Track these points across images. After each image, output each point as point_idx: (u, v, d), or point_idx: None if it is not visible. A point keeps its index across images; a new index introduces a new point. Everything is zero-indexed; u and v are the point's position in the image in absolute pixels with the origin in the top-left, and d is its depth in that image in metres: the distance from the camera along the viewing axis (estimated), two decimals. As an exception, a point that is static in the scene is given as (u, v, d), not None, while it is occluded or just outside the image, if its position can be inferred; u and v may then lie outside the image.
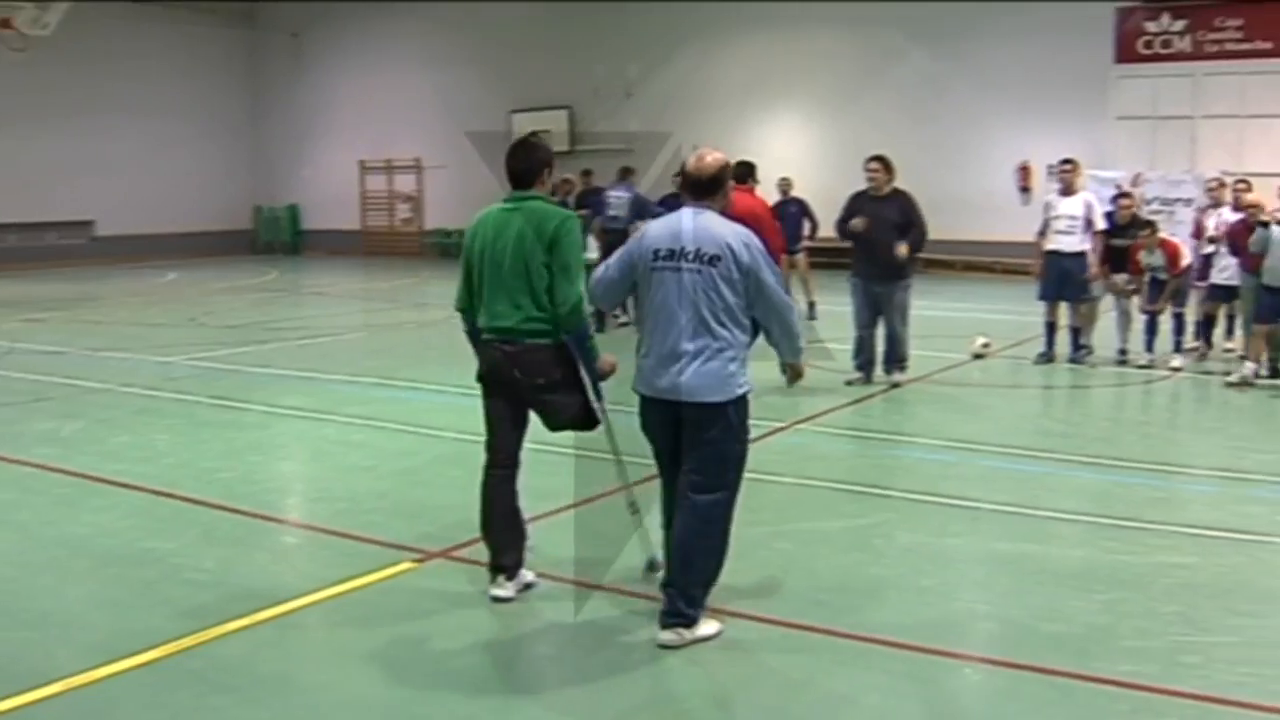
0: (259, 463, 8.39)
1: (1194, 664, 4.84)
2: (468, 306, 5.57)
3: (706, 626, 5.04)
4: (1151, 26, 24.28)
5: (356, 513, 6.99)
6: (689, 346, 4.91)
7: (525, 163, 5.46)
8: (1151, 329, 12.60)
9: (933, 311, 15.47)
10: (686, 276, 4.94)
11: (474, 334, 5.57)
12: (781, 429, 9.13)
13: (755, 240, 5.03)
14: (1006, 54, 25.20)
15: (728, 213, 5.13)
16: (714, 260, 4.91)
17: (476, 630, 5.23)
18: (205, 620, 5.23)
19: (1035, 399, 11.31)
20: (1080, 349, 12.88)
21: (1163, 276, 12.39)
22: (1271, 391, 11.26)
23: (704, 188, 5.07)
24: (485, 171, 31.52)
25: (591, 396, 5.43)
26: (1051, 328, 12.85)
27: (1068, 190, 12.73)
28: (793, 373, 5.53)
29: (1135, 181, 22.27)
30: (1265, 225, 11.16)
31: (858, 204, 11.09)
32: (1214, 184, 13.59)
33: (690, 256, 4.94)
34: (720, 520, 5.03)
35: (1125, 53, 24.47)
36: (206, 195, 32.66)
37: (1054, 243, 12.61)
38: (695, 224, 4.99)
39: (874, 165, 11.09)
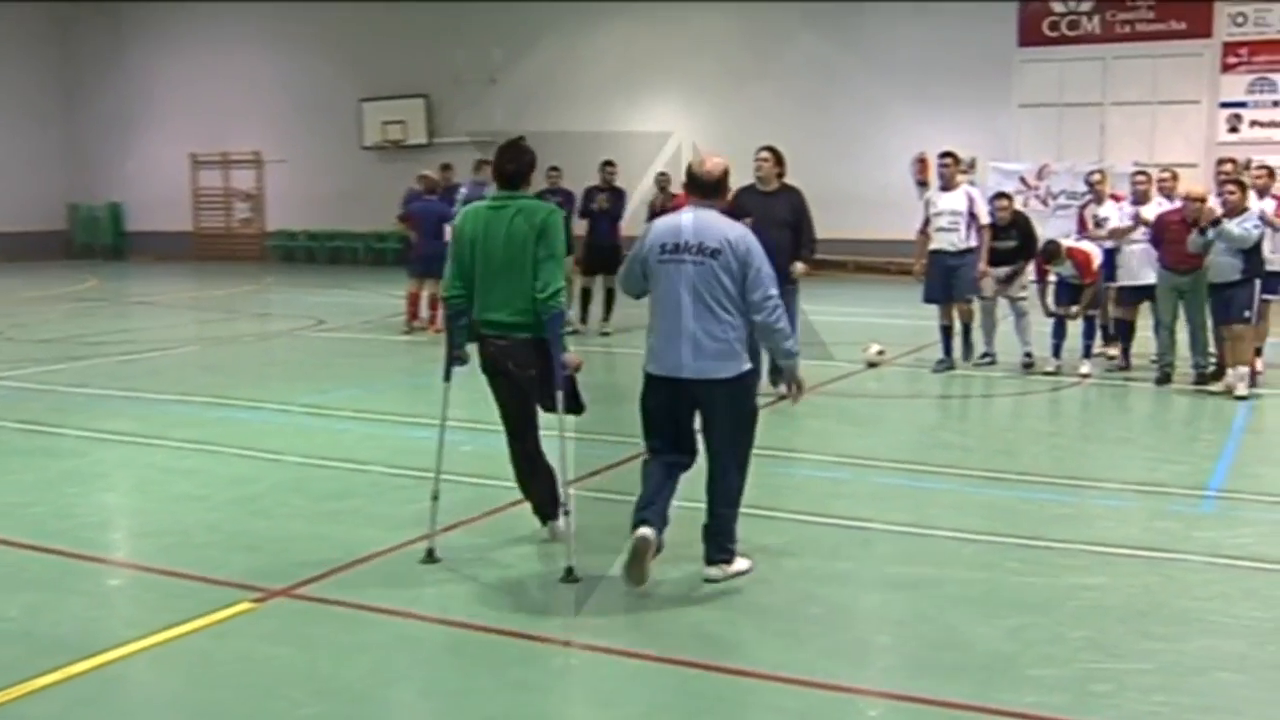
0: (75, 495, 8.17)
1: (1105, 693, 4.96)
2: (456, 294, 6.50)
3: (741, 563, 6.32)
4: (1058, 7, 24.94)
5: (187, 548, 6.85)
6: (695, 330, 5.98)
7: (516, 164, 6.44)
8: (1059, 333, 12.94)
9: (823, 317, 15.71)
10: (690, 268, 6.01)
11: (456, 318, 6.55)
12: (629, 460, 9.14)
13: (752, 237, 6.08)
14: (904, 37, 25.72)
15: (728, 211, 6.31)
16: (715, 253, 5.99)
17: (324, 677, 5.15)
18: (8, 677, 5.06)
19: (934, 410, 11.56)
20: (985, 356, 13.21)
21: (1075, 283, 12.75)
22: (1188, 397, 11.66)
23: (709, 189, 6.19)
24: (333, 166, 31.42)
25: (556, 383, 6.29)
26: (947, 332, 13.15)
27: (948, 185, 13.08)
28: (790, 379, 6.43)
29: (1041, 174, 22.87)
30: (1216, 224, 11.37)
31: (743, 199, 11.20)
32: (1096, 176, 14.04)
33: (693, 250, 6.01)
34: (743, 469, 6.26)
35: (1030, 35, 25.10)
36: (11, 192, 31.76)
37: (937, 241, 12.97)
38: (697, 221, 6.08)
39: (764, 155, 11.23)
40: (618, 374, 12.64)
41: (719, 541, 6.27)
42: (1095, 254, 12.85)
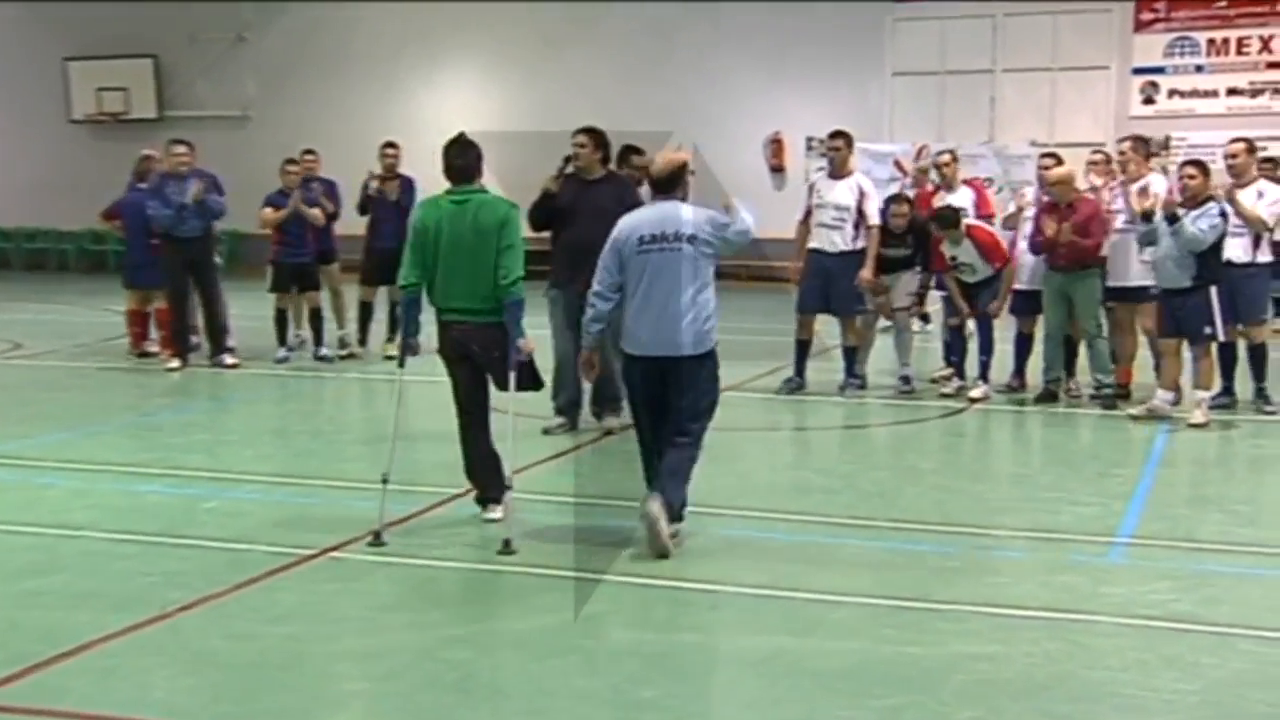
0: None
1: (997, 784, 5.06)
2: (413, 283, 8.42)
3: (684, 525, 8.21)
4: (938, -45, 25.44)
5: None
6: (676, 311, 8.01)
7: (464, 159, 8.45)
8: (957, 348, 13.34)
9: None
10: (670, 254, 8.05)
11: (410, 307, 8.52)
12: (456, 497, 9.15)
13: (716, 215, 8.19)
14: (754, -6, 25.87)
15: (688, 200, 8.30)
16: (691, 239, 8.06)
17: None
18: None
19: (794, 444, 11.72)
20: (853, 379, 13.40)
21: (972, 278, 13.07)
22: (1096, 424, 12.01)
23: (666, 184, 8.27)
24: (30, 146, 30.50)
25: (510, 365, 8.23)
26: (804, 347, 13.34)
27: (837, 172, 13.26)
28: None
29: (919, 156, 23.21)
30: (1173, 220, 11.60)
31: (564, 193, 11.24)
32: (945, 158, 14.39)
33: (671, 238, 8.06)
34: (699, 444, 8.24)
35: (906, -11, 25.55)
36: None
37: (817, 239, 13.10)
38: (668, 212, 8.17)
39: (580, 140, 11.27)
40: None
41: (680, 507, 8.10)
42: (1002, 236, 13.22)
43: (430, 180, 16.29)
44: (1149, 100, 24.77)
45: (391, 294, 15.65)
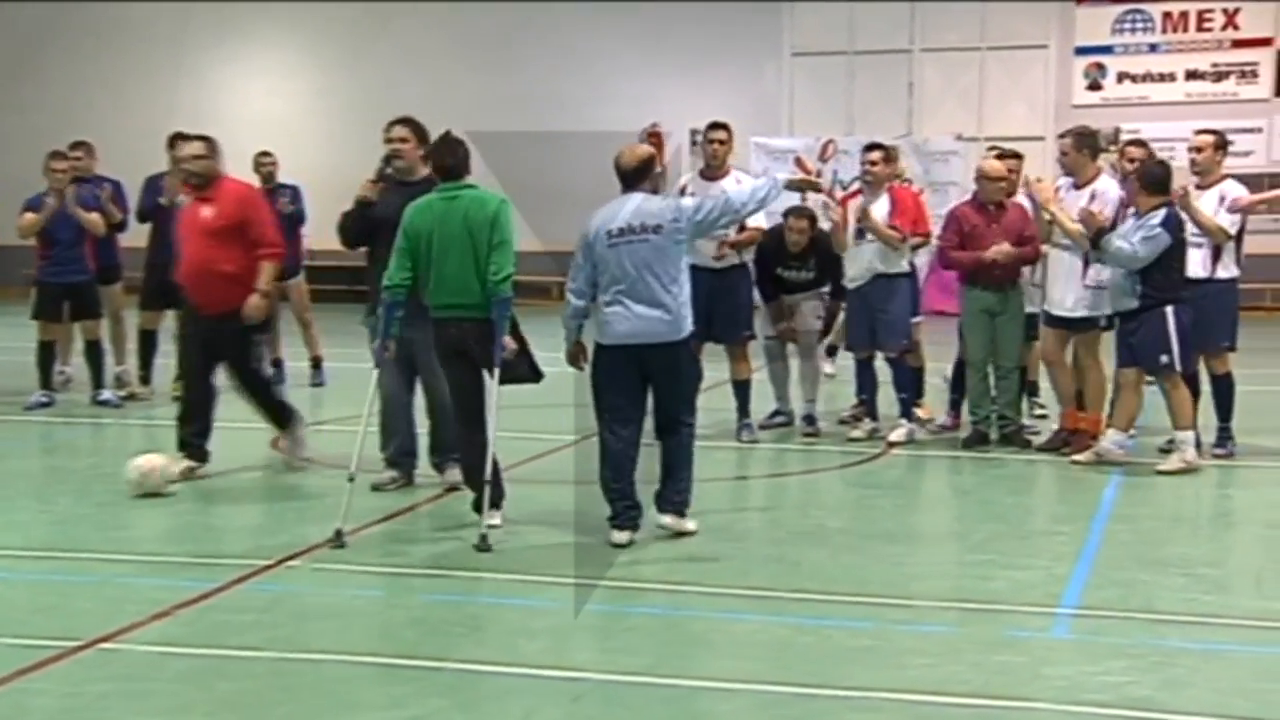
0: None
1: None
2: (400, 284, 9.96)
3: (691, 523, 10.16)
4: (844, -84, 25.66)
5: None
6: (652, 300, 9.70)
7: (453, 157, 10.05)
8: (866, 383, 13.50)
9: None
10: (639, 246, 9.71)
11: (393, 309, 10.01)
12: (266, 568, 9.07)
13: (681, 202, 10.35)
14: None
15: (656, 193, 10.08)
16: (657, 229, 9.72)
17: None
18: None
19: (677, 500, 11.70)
20: (745, 424, 13.46)
21: (890, 268, 13.18)
22: (1033, 471, 12.14)
23: (632, 176, 9.97)
24: None
25: (495, 360, 9.84)
26: (690, 383, 13.41)
27: (713, 173, 13.32)
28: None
29: (825, 153, 23.45)
30: (1100, 233, 11.81)
31: (380, 195, 11.18)
32: (874, 156, 14.44)
33: (638, 229, 9.72)
34: (692, 431, 10.20)
35: (806, -45, 25.77)
36: None
37: (693, 254, 13.09)
38: (633, 205, 9.82)
39: (400, 134, 11.24)
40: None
41: (680, 501, 10.08)
42: (928, 206, 13.36)
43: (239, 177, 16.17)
44: (1094, 86, 25.20)
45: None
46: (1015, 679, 7.28)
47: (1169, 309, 11.88)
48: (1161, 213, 11.82)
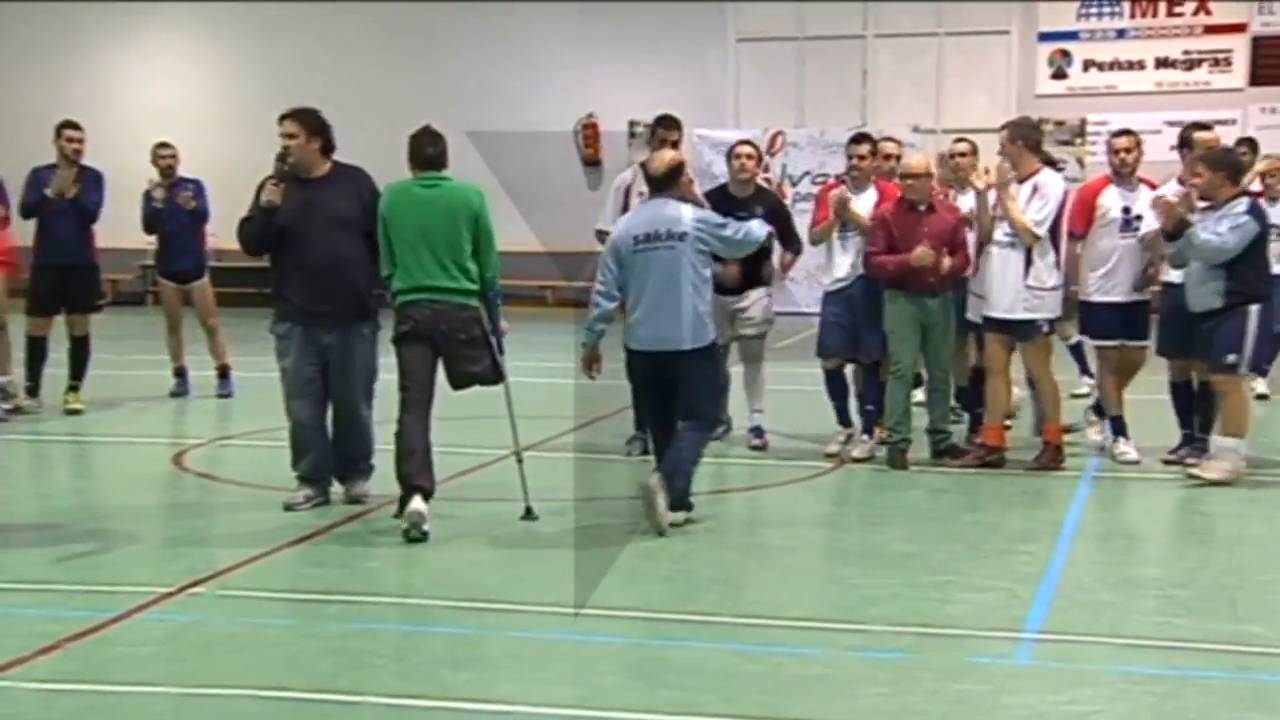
0: None
1: None
2: (391, 274, 10.86)
3: (679, 515, 10.87)
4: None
5: None
6: (675, 308, 10.59)
7: (435, 148, 10.87)
8: (839, 390, 13.58)
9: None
10: (665, 253, 10.63)
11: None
12: (167, 595, 9.01)
13: (709, 214, 10.99)
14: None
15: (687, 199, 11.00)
16: (683, 236, 10.62)
17: None
18: None
19: (615, 518, 11.66)
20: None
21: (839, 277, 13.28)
22: (992, 486, 12.17)
23: (658, 183, 10.89)
24: None
25: (496, 351, 10.83)
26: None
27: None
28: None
29: (774, 145, 23.52)
30: (1181, 228, 11.83)
31: (284, 199, 11.15)
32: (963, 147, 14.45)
33: (665, 236, 10.62)
34: (704, 429, 11.05)
35: (749, -68, 25.83)
36: None
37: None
38: (661, 211, 10.76)
39: (289, 129, 11.24)
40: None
41: (676, 494, 10.73)
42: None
43: (121, 172, 16.01)
44: (1059, 74, 25.33)
45: (72, 325, 15.39)
46: (975, 708, 7.28)
47: (1254, 308, 11.94)
48: (1245, 201, 11.98)
